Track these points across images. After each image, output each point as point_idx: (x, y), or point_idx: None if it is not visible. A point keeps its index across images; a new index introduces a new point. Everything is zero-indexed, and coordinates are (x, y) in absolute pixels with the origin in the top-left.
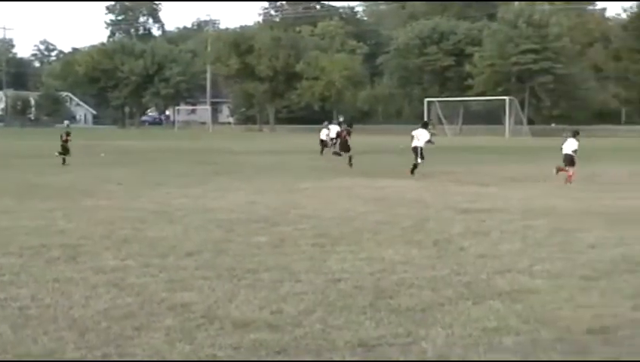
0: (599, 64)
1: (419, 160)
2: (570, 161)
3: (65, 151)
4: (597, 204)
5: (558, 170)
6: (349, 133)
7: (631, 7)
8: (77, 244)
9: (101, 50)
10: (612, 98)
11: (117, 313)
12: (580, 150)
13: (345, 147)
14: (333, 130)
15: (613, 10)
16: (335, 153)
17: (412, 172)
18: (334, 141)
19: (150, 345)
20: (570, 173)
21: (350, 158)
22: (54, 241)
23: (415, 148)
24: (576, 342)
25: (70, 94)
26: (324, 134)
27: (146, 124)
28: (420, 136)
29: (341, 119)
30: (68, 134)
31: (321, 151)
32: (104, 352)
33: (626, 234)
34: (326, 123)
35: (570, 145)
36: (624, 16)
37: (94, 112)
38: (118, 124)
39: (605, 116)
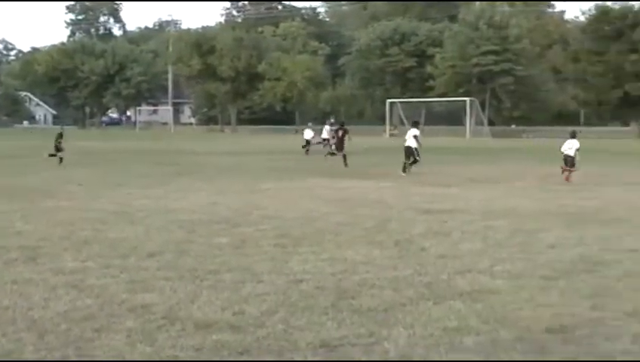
0: (558, 66)
1: (417, 158)
2: (571, 162)
3: (58, 150)
4: (557, 204)
5: (563, 170)
6: (345, 132)
7: (589, 10)
8: (36, 246)
9: (61, 49)
10: (571, 100)
11: (77, 314)
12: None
13: (340, 146)
14: (325, 131)
15: (572, 13)
16: (330, 153)
17: (411, 165)
18: (327, 141)
19: (111, 347)
20: (570, 171)
21: (345, 157)
22: (12, 243)
23: (409, 148)
24: (536, 341)
25: (29, 94)
26: (308, 135)
27: (104, 125)
28: (411, 135)
29: (332, 120)
30: (60, 135)
31: (307, 152)
32: (63, 354)
33: (585, 234)
34: (310, 124)
35: (572, 146)
36: (582, 18)
37: (54, 112)
38: (78, 124)
39: (564, 117)
